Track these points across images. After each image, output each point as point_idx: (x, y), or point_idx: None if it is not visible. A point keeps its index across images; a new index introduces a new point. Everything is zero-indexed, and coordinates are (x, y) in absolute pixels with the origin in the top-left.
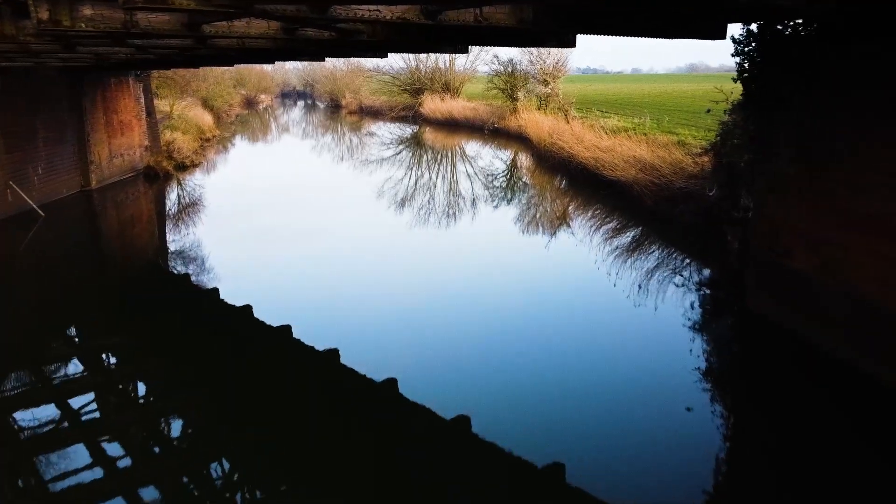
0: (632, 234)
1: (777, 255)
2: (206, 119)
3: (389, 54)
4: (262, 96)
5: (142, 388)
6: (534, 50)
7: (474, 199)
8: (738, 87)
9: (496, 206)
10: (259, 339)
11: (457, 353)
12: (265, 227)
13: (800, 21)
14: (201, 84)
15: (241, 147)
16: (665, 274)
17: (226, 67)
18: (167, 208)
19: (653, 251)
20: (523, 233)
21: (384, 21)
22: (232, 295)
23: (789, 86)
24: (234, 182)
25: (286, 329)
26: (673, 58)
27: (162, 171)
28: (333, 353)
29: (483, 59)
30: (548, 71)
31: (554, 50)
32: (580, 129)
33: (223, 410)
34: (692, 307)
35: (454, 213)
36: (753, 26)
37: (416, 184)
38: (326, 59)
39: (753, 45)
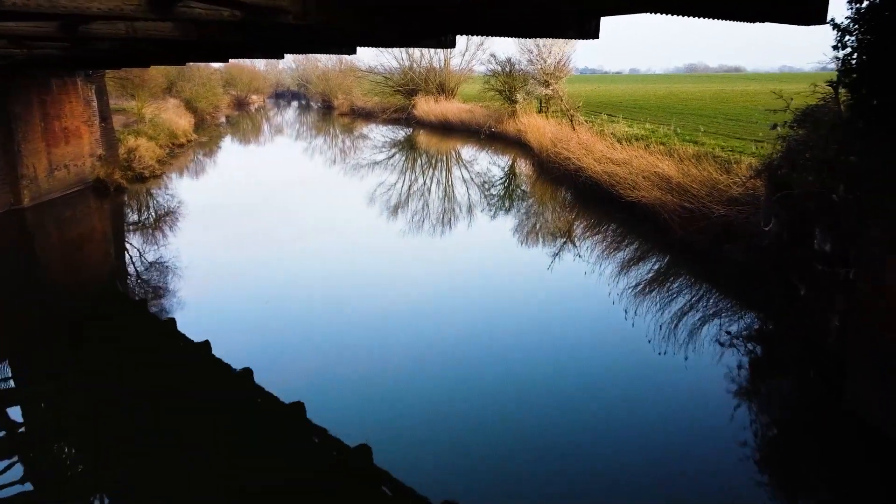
0: (656, 267)
1: None
2: (181, 122)
3: (380, 52)
4: (254, 97)
5: (75, 452)
6: (533, 48)
7: (470, 217)
8: (801, 91)
9: (494, 228)
10: (216, 384)
11: (447, 415)
12: (229, 246)
13: None
14: (185, 85)
15: (218, 153)
16: (701, 321)
17: (216, 66)
18: (112, 228)
19: (683, 292)
20: (524, 259)
21: None
22: (192, 327)
23: None
24: (200, 194)
25: (247, 374)
26: (671, 58)
27: (113, 184)
28: (299, 407)
29: (479, 59)
30: (549, 71)
31: (555, 48)
32: (588, 136)
33: (170, 480)
34: (739, 369)
35: (447, 233)
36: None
37: (407, 192)
38: (318, 56)
39: (870, 30)
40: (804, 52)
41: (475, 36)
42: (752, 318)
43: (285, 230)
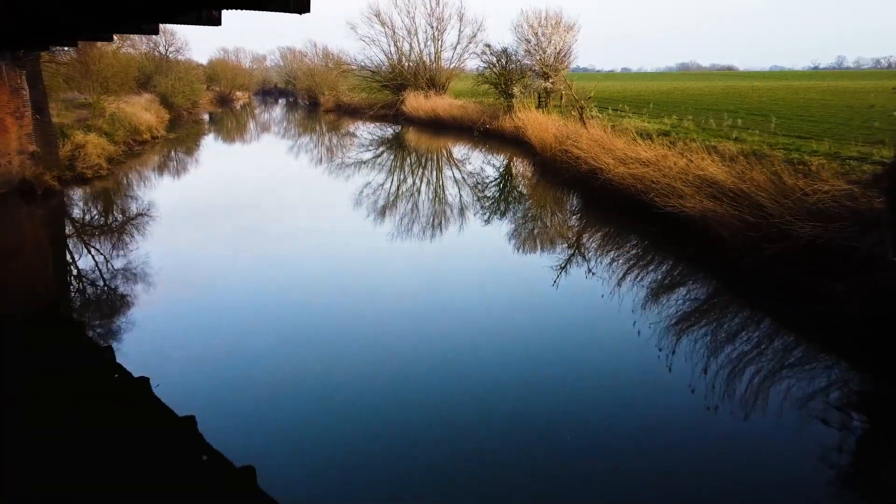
0: (702, 295)
1: None
2: (146, 117)
3: (366, 46)
4: (239, 93)
5: None
6: (531, 37)
7: (466, 229)
8: (810, 86)
9: (494, 242)
10: (152, 435)
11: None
12: (180, 260)
13: None
14: (161, 79)
15: (188, 151)
16: (771, 375)
17: (199, 61)
18: (35, 239)
19: (744, 333)
20: (531, 282)
21: None
22: (132, 358)
23: None
24: (154, 197)
25: (190, 423)
26: (662, 57)
27: (42, 187)
28: (249, 474)
29: (472, 51)
30: (548, 63)
31: (555, 37)
32: (601, 132)
33: None
34: (840, 452)
35: (441, 247)
36: None
37: (394, 200)
38: (305, 50)
39: None
40: (792, 52)
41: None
42: (862, 383)
43: (248, 241)
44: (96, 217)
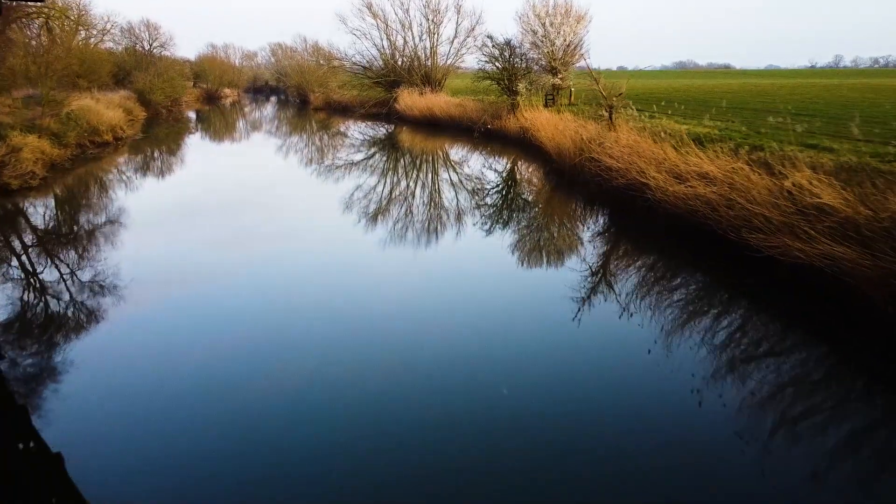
0: (822, 383)
1: None
2: (109, 115)
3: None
4: (227, 91)
5: None
6: (539, 30)
7: (462, 245)
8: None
9: (506, 272)
10: None
11: None
12: (101, 296)
13: None
14: (139, 75)
15: (151, 155)
16: None
17: (184, 59)
18: None
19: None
20: (551, 320)
21: None
22: (49, 423)
23: None
24: (89, 213)
25: None
26: (658, 56)
27: None
28: None
29: (470, 46)
30: (557, 56)
31: (565, 29)
32: (638, 138)
33: None
34: None
35: (436, 274)
36: None
37: (385, 214)
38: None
39: None
40: (788, 51)
41: None
42: None
43: (202, 266)
44: (10, 240)
